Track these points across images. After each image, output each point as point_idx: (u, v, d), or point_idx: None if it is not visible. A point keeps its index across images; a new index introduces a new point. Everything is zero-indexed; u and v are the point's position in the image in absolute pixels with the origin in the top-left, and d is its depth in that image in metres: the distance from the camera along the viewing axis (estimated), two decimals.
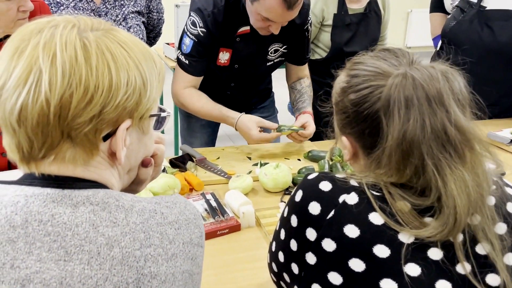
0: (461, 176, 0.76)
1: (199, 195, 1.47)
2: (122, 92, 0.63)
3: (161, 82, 0.71)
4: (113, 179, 0.70)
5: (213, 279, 1.15)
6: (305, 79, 2.04)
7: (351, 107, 0.84)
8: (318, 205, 0.80)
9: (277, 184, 1.54)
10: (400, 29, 6.81)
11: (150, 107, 0.69)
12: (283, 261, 0.86)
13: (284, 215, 0.87)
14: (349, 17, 2.28)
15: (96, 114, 0.62)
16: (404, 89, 0.78)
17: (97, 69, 0.61)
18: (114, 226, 0.62)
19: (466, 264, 0.75)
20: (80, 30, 0.63)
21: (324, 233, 0.78)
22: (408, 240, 0.75)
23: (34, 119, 0.60)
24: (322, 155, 1.79)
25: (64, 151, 0.63)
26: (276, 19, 1.60)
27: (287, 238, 0.84)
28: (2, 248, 0.59)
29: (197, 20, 1.71)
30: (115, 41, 0.65)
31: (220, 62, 1.83)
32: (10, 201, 0.62)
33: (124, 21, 1.75)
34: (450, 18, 2.29)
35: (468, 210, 0.75)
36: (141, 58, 0.67)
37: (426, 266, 0.74)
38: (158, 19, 1.97)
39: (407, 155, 0.77)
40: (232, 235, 1.33)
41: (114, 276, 0.60)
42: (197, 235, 0.70)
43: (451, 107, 0.77)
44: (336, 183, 0.81)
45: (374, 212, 0.77)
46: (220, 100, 1.87)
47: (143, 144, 0.73)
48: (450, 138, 0.77)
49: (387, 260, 0.74)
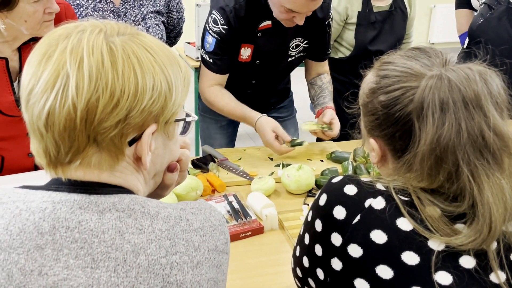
0: (498, 184, 0.73)
1: (221, 197, 1.47)
2: (148, 96, 0.63)
3: (187, 87, 0.71)
4: (139, 184, 0.70)
5: (236, 284, 1.14)
6: (325, 75, 2.02)
7: (381, 109, 0.81)
8: (343, 209, 0.78)
9: (300, 186, 1.52)
10: (423, 25, 6.69)
11: (175, 111, 0.69)
12: (308, 267, 0.84)
13: (308, 219, 0.85)
14: (374, 15, 2.25)
15: (122, 119, 0.62)
16: (439, 91, 0.75)
17: (123, 73, 0.61)
18: (140, 233, 0.62)
19: (501, 273, 0.72)
20: (106, 35, 0.64)
21: (350, 238, 0.76)
22: (438, 247, 0.73)
23: (61, 124, 0.61)
24: (346, 156, 1.76)
25: (90, 156, 0.63)
26: (300, 10, 1.58)
27: (312, 243, 0.83)
28: (31, 255, 0.60)
29: (218, 17, 1.70)
30: (141, 45, 0.65)
31: (242, 58, 1.82)
32: (38, 207, 0.62)
33: (143, 21, 1.75)
34: (477, 15, 2.24)
35: (504, 218, 0.72)
36: (167, 63, 0.67)
37: (458, 274, 0.72)
38: (178, 18, 1.96)
39: (440, 160, 0.74)
40: (255, 238, 1.31)
41: (140, 284, 0.60)
42: (222, 242, 0.70)
43: (489, 110, 0.74)
44: (361, 186, 0.79)
45: (402, 217, 0.74)
46: (240, 99, 1.87)
47: (168, 149, 0.73)
48: (487, 144, 0.73)
49: (416, 267, 0.72)
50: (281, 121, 2.13)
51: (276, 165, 1.73)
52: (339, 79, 2.33)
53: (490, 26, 2.15)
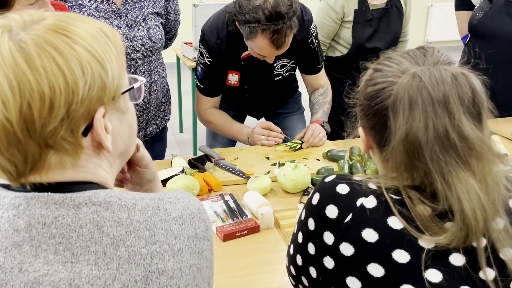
0: (469, 183, 0.73)
1: (218, 196, 1.47)
2: (82, 84, 0.58)
3: (121, 54, 0.65)
4: (103, 172, 0.68)
5: (232, 282, 1.15)
6: (319, 89, 2.07)
7: (366, 100, 0.83)
8: (336, 208, 0.79)
9: (296, 184, 1.53)
10: (420, 24, 6.70)
11: (118, 84, 0.64)
12: (301, 265, 0.85)
13: (302, 218, 0.86)
14: (370, 13, 2.27)
15: (65, 116, 0.58)
16: (410, 89, 0.77)
17: (45, 69, 0.57)
18: (118, 226, 0.62)
19: (489, 270, 0.73)
20: (12, 34, 0.58)
21: (342, 237, 0.77)
22: (428, 245, 0.73)
23: (3, 141, 0.58)
24: (342, 154, 1.77)
25: (49, 160, 0.61)
26: (267, 55, 1.74)
27: (305, 241, 0.83)
28: (9, 253, 0.59)
29: (203, 50, 1.88)
30: (53, 31, 0.59)
31: (230, 83, 1.98)
32: (11, 204, 0.61)
33: (144, 22, 1.77)
34: (477, 9, 2.24)
35: (480, 215, 0.72)
36: (89, 39, 0.61)
37: (448, 272, 0.73)
38: (175, 20, 1.99)
39: (412, 156, 0.76)
40: (251, 237, 1.32)
41: (122, 275, 0.60)
42: (202, 229, 0.70)
43: (456, 113, 0.75)
44: (353, 186, 0.80)
45: (393, 216, 0.75)
46: (241, 105, 2.01)
47: (126, 123, 0.70)
48: (452, 144, 0.74)
49: (407, 265, 0.73)
50: (287, 116, 2.18)
51: (273, 164, 1.74)
52: (337, 77, 2.35)
53: (490, 20, 2.15)
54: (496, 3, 2.14)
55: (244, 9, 1.61)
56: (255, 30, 1.61)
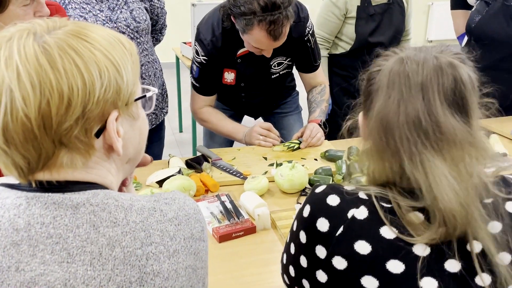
0: (435, 163, 0.73)
1: (214, 197, 1.47)
2: (98, 85, 0.62)
3: (136, 63, 0.69)
4: (110, 176, 0.69)
5: (228, 283, 1.14)
6: (316, 87, 2.06)
7: (364, 83, 0.85)
8: (327, 221, 0.78)
9: (293, 185, 1.52)
10: (421, 23, 6.68)
11: (132, 91, 0.67)
12: (294, 276, 0.84)
13: (293, 229, 0.85)
14: (372, 8, 2.31)
15: (80, 115, 0.61)
16: (392, 71, 0.78)
17: (65, 70, 0.60)
18: (114, 226, 0.63)
19: (485, 276, 0.72)
20: (36, 36, 0.62)
21: (334, 250, 0.76)
22: (423, 253, 0.72)
23: (20, 137, 0.60)
24: (339, 154, 1.76)
25: (62, 158, 0.63)
26: (265, 48, 1.72)
27: (297, 254, 0.82)
28: (7, 252, 0.61)
29: (199, 49, 1.85)
30: (74, 36, 0.63)
31: (226, 81, 1.96)
32: (12, 203, 0.63)
33: (126, 5, 1.77)
34: (474, 12, 2.24)
35: (453, 197, 0.71)
36: (107, 45, 0.65)
37: (443, 279, 0.72)
38: (160, 8, 1.99)
39: (384, 136, 0.76)
40: (248, 238, 1.32)
41: (117, 276, 0.61)
42: (198, 230, 0.70)
43: (432, 98, 0.75)
44: (344, 196, 0.79)
45: (385, 226, 0.74)
46: (238, 105, 1.98)
47: (137, 130, 0.72)
48: (423, 128, 0.74)
49: (401, 275, 0.72)
50: (284, 116, 2.18)
51: (270, 164, 1.73)
52: (341, 74, 2.36)
53: (487, 23, 2.15)
54: (493, 7, 2.14)
55: (239, 2, 1.59)
56: (251, 22, 1.59)
